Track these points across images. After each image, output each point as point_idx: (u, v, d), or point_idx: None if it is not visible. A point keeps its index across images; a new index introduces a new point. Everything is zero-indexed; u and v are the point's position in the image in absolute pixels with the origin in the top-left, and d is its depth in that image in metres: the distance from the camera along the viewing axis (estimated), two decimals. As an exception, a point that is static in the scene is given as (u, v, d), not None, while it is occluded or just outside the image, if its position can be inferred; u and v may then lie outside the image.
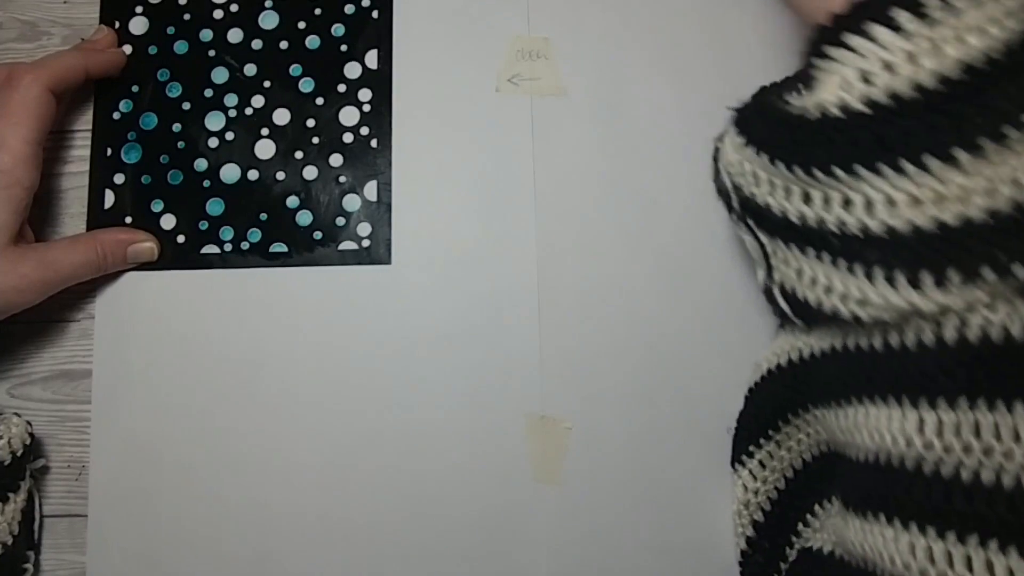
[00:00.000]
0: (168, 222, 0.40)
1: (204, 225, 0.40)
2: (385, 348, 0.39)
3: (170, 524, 0.38)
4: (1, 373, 0.40)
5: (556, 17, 0.41)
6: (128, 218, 0.40)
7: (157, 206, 0.40)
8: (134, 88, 0.41)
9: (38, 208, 0.39)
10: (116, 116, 0.41)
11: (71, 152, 0.41)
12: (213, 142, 0.41)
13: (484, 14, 0.41)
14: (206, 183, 0.41)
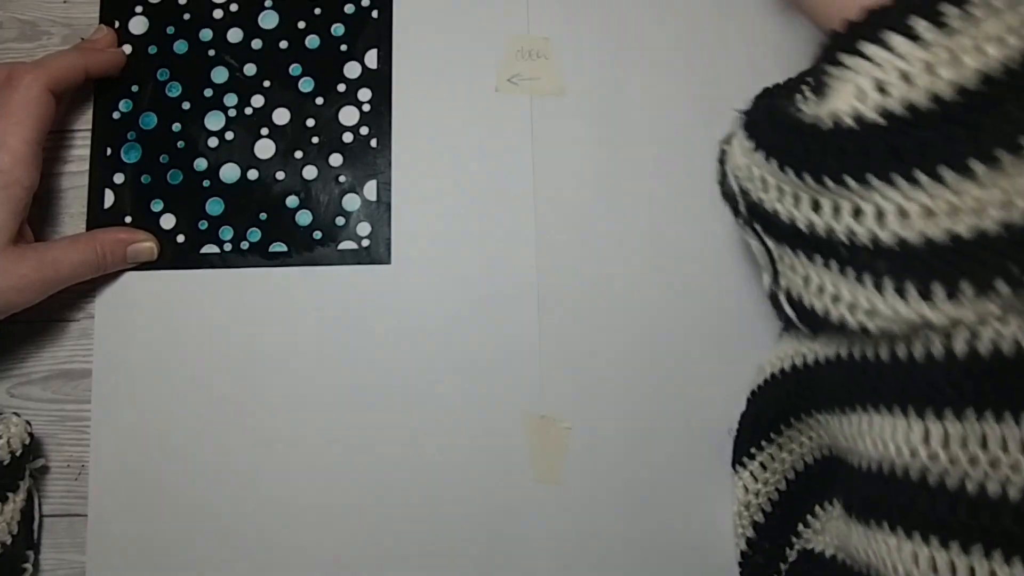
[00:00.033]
0: (168, 222, 0.40)
1: (204, 225, 0.40)
2: (385, 348, 0.39)
3: (170, 523, 0.38)
4: (1, 373, 0.40)
5: (556, 17, 0.41)
6: (128, 218, 0.40)
7: (157, 206, 0.40)
8: (134, 88, 0.41)
9: (38, 208, 0.39)
10: (116, 116, 0.41)
11: (71, 152, 0.41)
12: (213, 142, 0.41)
13: (484, 14, 0.41)
14: (206, 183, 0.41)
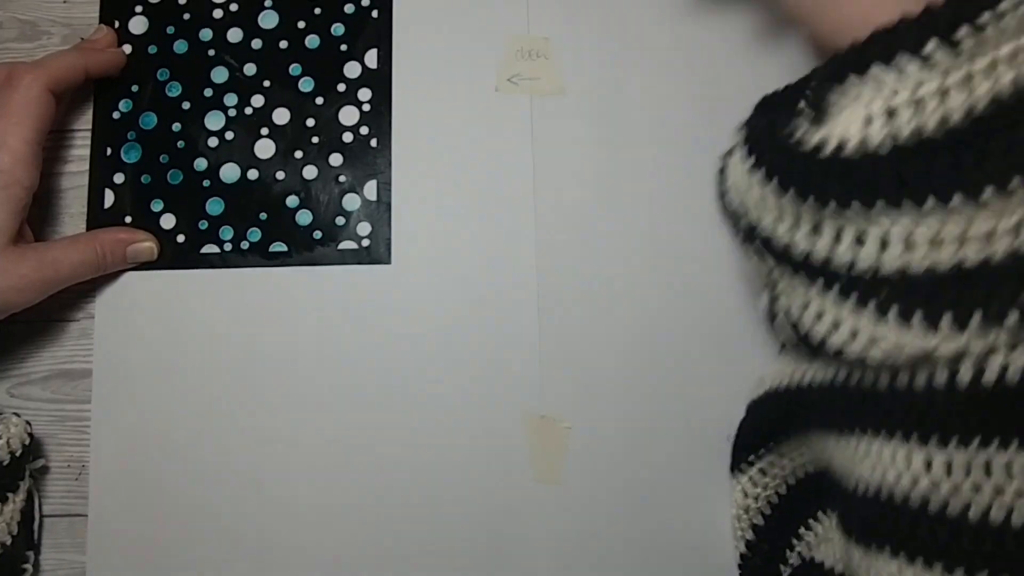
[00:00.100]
0: (168, 222, 0.40)
1: (204, 225, 0.40)
2: (385, 348, 0.39)
3: (170, 523, 0.38)
4: (1, 373, 0.40)
5: (556, 17, 0.41)
6: (128, 218, 0.40)
7: (157, 206, 0.40)
8: (134, 88, 0.41)
9: (38, 208, 0.39)
10: (116, 116, 0.41)
11: (71, 152, 0.41)
12: (213, 142, 0.41)
13: (484, 14, 0.41)
14: (206, 183, 0.41)
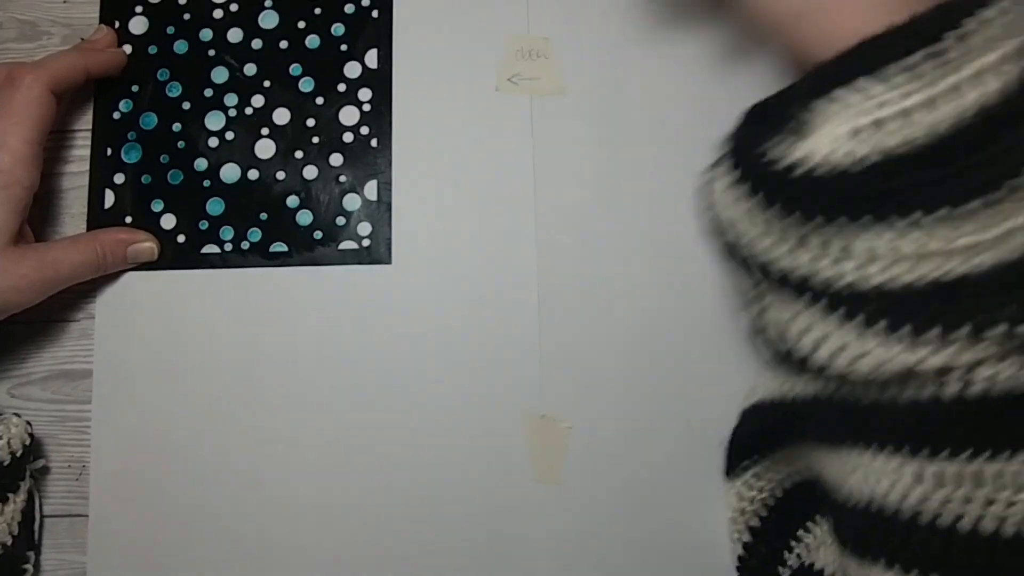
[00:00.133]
0: (168, 222, 0.40)
1: (204, 225, 0.40)
2: (385, 348, 0.39)
3: (170, 523, 0.38)
4: (1, 373, 0.40)
5: (556, 17, 0.41)
6: (128, 218, 0.40)
7: (157, 206, 0.40)
8: (134, 88, 0.41)
9: (38, 208, 0.39)
10: (116, 116, 0.41)
11: (71, 152, 0.41)
12: (213, 142, 0.41)
13: (484, 14, 0.41)
14: (206, 183, 0.41)
